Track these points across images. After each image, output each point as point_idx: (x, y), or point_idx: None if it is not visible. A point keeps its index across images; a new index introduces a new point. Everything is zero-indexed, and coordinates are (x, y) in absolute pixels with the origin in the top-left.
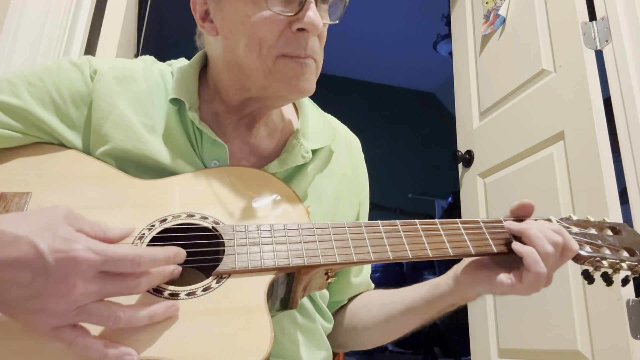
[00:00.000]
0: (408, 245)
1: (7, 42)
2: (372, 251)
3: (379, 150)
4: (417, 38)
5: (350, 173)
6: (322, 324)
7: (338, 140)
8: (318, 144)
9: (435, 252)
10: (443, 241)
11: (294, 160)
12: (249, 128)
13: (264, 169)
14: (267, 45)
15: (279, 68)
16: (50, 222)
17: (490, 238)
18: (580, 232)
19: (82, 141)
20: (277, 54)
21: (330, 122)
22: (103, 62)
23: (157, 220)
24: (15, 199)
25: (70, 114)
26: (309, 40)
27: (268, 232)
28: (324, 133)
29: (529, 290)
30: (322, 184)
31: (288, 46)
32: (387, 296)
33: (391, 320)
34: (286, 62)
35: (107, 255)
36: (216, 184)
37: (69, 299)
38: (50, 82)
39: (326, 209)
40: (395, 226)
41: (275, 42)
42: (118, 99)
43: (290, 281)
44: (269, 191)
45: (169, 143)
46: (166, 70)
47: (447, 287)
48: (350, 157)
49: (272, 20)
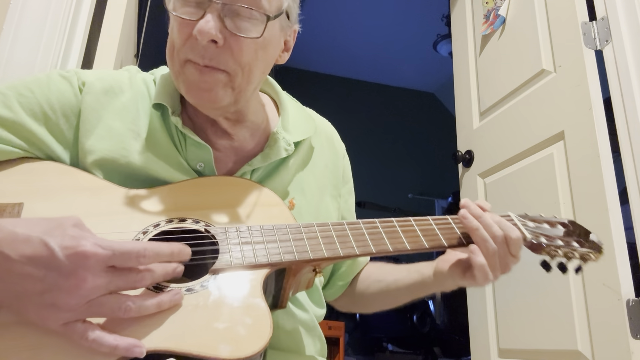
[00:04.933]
0: (388, 240)
1: (7, 42)
2: (356, 246)
3: (379, 150)
4: (417, 38)
5: (332, 164)
6: (315, 312)
7: (319, 132)
8: (299, 137)
9: (413, 245)
10: (418, 235)
11: (277, 153)
12: (226, 131)
13: (248, 164)
14: (177, 48)
15: (185, 72)
16: (60, 225)
17: (459, 231)
18: (536, 227)
19: (70, 153)
20: (183, 58)
21: (310, 115)
22: (91, 73)
23: (151, 225)
24: (8, 209)
25: (60, 125)
26: (208, 49)
27: (258, 232)
28: (305, 126)
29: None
30: (304, 176)
31: (190, 51)
32: (383, 275)
33: (385, 295)
34: (189, 68)
35: (114, 250)
36: (204, 192)
37: (80, 293)
38: (40, 94)
39: (310, 201)
40: (374, 224)
41: (181, 46)
42: (105, 111)
43: (280, 279)
44: (254, 196)
45: (154, 148)
46: (149, 78)
47: (429, 279)
48: (331, 149)
49: (182, 24)
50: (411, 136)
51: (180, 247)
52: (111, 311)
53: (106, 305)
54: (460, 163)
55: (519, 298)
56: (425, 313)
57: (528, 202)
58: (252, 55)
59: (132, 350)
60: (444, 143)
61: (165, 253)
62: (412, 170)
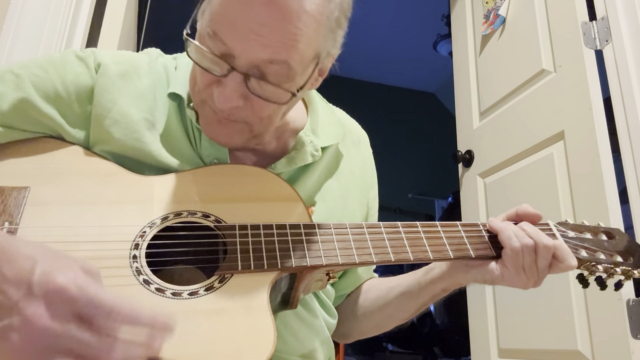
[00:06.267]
0: (409, 248)
1: (7, 42)
2: (374, 252)
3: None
4: (417, 38)
5: (359, 171)
6: (326, 320)
7: (346, 137)
8: (328, 142)
9: (436, 255)
10: (444, 243)
11: (303, 159)
12: None
13: (271, 167)
14: (198, 87)
15: (203, 109)
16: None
17: (490, 241)
18: (577, 237)
19: (84, 136)
20: (203, 98)
21: (339, 119)
22: (108, 55)
23: (159, 217)
24: (14, 193)
25: (74, 108)
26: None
27: (270, 232)
28: (334, 130)
29: (516, 276)
30: (328, 183)
31: (210, 99)
32: (386, 282)
33: (388, 305)
34: (208, 110)
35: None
36: (217, 182)
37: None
38: (55, 75)
39: (331, 209)
40: (396, 228)
41: (203, 89)
42: (120, 96)
43: (292, 280)
44: (271, 190)
45: (168, 141)
46: (171, 64)
47: (440, 272)
48: (359, 154)
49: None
50: (411, 136)
51: (163, 322)
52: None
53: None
54: (460, 163)
55: (519, 298)
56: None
57: (528, 202)
58: (275, 109)
59: None
60: (444, 143)
61: (144, 321)
62: (412, 170)
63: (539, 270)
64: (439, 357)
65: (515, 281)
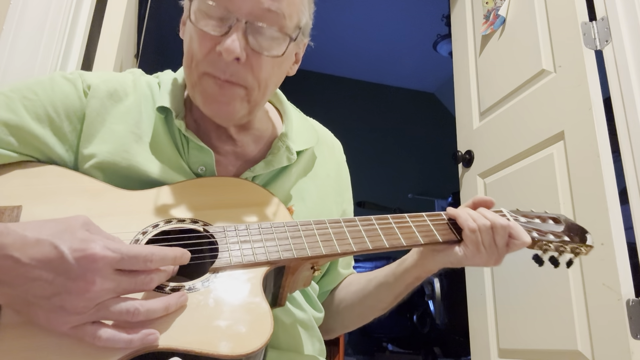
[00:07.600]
0: (384, 237)
1: (7, 42)
2: (353, 242)
3: (379, 150)
4: (417, 38)
5: (334, 174)
6: (313, 314)
7: (321, 142)
8: (302, 146)
9: (409, 241)
10: (413, 231)
11: (279, 161)
12: (231, 137)
13: (250, 170)
14: (196, 60)
15: (202, 83)
16: (68, 227)
17: (452, 226)
18: (528, 222)
19: (73, 156)
20: (202, 70)
21: (313, 126)
22: (95, 76)
23: (150, 225)
24: (7, 211)
25: (64, 127)
26: (230, 66)
27: (257, 230)
28: (308, 135)
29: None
30: (305, 184)
31: (211, 65)
32: (364, 276)
33: (367, 297)
34: (208, 80)
35: (123, 253)
36: (203, 192)
37: (88, 296)
38: (45, 97)
39: (310, 208)
40: (370, 221)
41: (202, 59)
42: (108, 115)
43: (279, 277)
44: (253, 196)
45: (156, 151)
46: (153, 81)
47: (412, 261)
48: (333, 159)
49: (203, 37)
50: (411, 136)
51: (182, 252)
52: (119, 314)
53: (114, 308)
54: (460, 163)
55: (519, 298)
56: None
57: (528, 202)
58: (270, 71)
59: (147, 339)
60: (444, 143)
61: (170, 257)
62: (412, 170)
63: (498, 248)
64: (439, 357)
65: (477, 259)
